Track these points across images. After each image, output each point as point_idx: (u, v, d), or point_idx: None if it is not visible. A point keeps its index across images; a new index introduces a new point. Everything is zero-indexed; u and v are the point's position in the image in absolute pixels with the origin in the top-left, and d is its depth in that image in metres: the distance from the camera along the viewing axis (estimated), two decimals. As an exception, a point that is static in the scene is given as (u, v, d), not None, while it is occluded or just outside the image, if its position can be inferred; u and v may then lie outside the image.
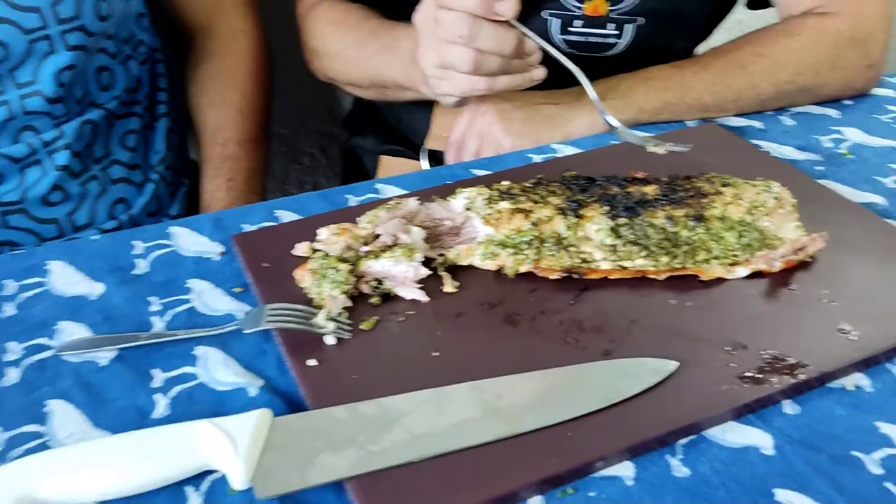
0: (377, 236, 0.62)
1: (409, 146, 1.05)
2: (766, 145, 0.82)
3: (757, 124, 0.87)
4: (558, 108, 0.86)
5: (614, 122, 0.73)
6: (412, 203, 0.64)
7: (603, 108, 0.74)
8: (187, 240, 0.67)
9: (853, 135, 0.85)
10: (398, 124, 1.07)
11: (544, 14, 0.95)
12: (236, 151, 0.94)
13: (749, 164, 0.75)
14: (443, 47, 0.73)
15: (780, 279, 0.60)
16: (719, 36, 1.07)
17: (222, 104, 0.96)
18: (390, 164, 1.05)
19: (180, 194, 0.96)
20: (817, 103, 0.91)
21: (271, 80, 1.02)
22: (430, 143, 1.02)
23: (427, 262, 0.60)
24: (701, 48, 1.07)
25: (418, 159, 1.02)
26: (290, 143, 1.38)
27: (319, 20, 0.99)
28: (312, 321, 0.54)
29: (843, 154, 0.81)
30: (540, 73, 0.76)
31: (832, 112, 0.90)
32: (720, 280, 0.60)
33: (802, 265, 0.61)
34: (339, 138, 1.41)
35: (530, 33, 0.74)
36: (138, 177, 0.89)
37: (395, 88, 0.92)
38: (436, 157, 1.01)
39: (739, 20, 1.43)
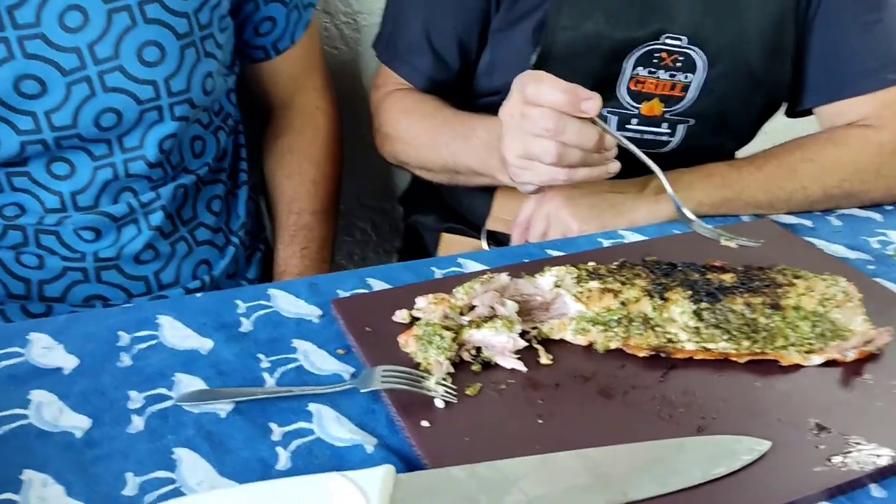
0: (473, 307, 0.66)
1: (469, 225, 1.10)
2: (818, 243, 0.87)
3: (807, 223, 0.92)
4: (623, 196, 0.92)
5: (690, 216, 0.78)
6: (504, 277, 0.69)
7: (679, 201, 0.79)
8: (286, 301, 0.71)
9: (898, 238, 0.90)
10: (458, 205, 1.13)
11: (604, 112, 1.01)
12: (310, 221, 1.00)
13: (807, 260, 0.79)
14: (528, 140, 0.79)
15: (853, 369, 0.64)
16: (759, 139, 1.14)
17: (298, 175, 1.02)
18: (451, 242, 1.10)
19: (256, 259, 1.00)
20: (861, 207, 0.97)
21: (342, 156, 1.08)
22: (491, 224, 1.07)
23: (521, 335, 0.64)
24: (745, 150, 1.14)
25: (478, 237, 1.07)
26: (344, 217, 1.43)
27: (393, 108, 1.06)
28: (423, 384, 0.58)
29: (891, 255, 0.86)
30: (615, 166, 0.81)
31: (876, 216, 0.96)
32: (797, 367, 0.64)
33: (871, 357, 0.65)
34: (391, 214, 1.46)
35: (611, 130, 0.79)
36: (221, 240, 0.94)
37: (469, 174, 0.98)
38: (495, 238, 1.06)
39: (775, 128, 1.52)
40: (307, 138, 1.04)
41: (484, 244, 1.06)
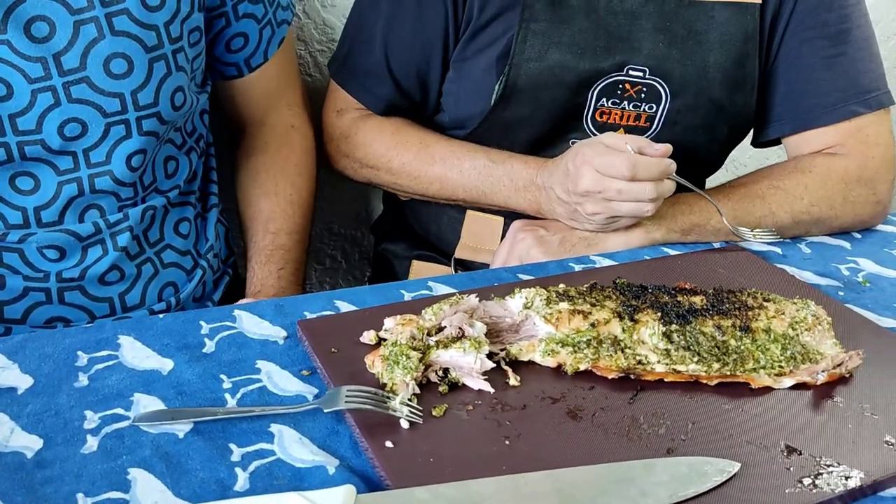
0: (441, 328, 0.65)
1: (439, 253, 1.09)
2: (788, 269, 0.88)
3: (777, 250, 0.93)
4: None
5: (737, 230, 0.90)
6: (472, 299, 0.68)
7: (727, 219, 0.90)
8: (251, 322, 0.70)
9: (868, 265, 0.91)
10: (426, 234, 1.12)
11: (571, 142, 1.02)
12: (286, 242, 0.97)
13: (778, 285, 0.80)
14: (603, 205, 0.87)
15: (824, 391, 0.64)
16: (729, 170, 1.16)
17: (275, 195, 0.99)
18: (421, 269, 1.09)
19: (223, 283, 0.98)
20: (830, 234, 0.98)
21: (316, 177, 1.06)
22: (460, 253, 1.07)
23: (490, 357, 0.63)
24: (714, 179, 1.15)
25: (448, 265, 1.06)
26: (314, 244, 1.42)
27: (371, 137, 1.04)
28: (389, 404, 0.56)
29: (861, 282, 0.86)
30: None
31: (845, 244, 0.96)
32: (767, 389, 0.63)
33: (842, 380, 0.65)
34: (362, 243, 1.45)
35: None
36: (189, 263, 0.92)
37: (481, 201, 1.00)
38: (464, 266, 1.06)
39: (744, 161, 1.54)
40: (282, 157, 1.02)
41: (453, 272, 1.06)
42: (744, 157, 1.61)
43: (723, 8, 0.99)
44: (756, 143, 1.12)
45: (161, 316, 0.69)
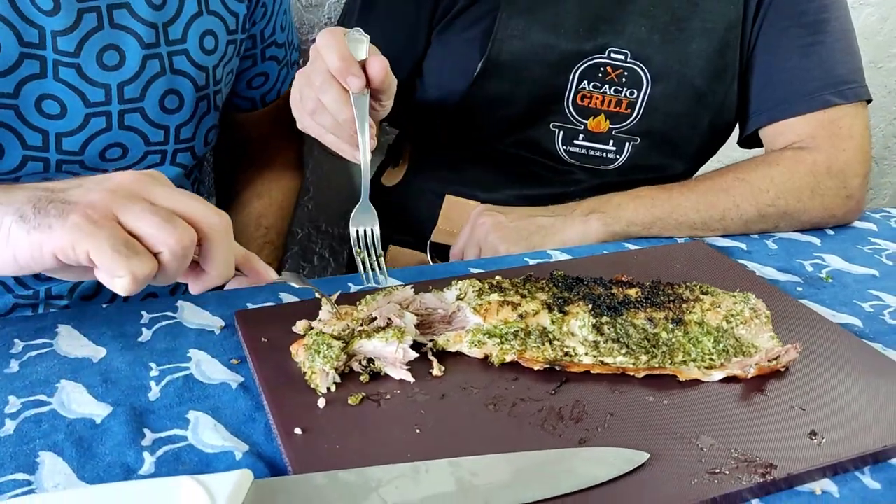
0: (374, 319, 0.65)
1: (417, 238, 1.10)
2: (750, 265, 0.86)
3: (742, 245, 0.91)
4: (552, 218, 0.92)
5: None
6: (408, 291, 0.68)
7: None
8: (191, 313, 0.70)
9: (834, 261, 0.89)
10: (405, 218, 1.13)
11: (552, 126, 1.02)
12: (274, 239, 1.04)
13: (733, 280, 0.78)
14: (301, 81, 0.76)
15: (754, 385, 0.62)
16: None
17: (268, 196, 1.07)
18: (398, 255, 1.09)
19: None
20: (802, 231, 0.96)
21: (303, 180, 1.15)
22: (436, 237, 1.07)
23: (419, 348, 0.63)
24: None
25: (425, 251, 1.06)
26: (302, 243, 1.43)
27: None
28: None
29: (823, 278, 0.85)
30: (358, 155, 0.75)
31: (815, 240, 0.95)
32: (696, 382, 0.62)
33: (777, 374, 0.64)
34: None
35: (362, 131, 0.73)
36: None
37: None
38: (440, 251, 1.06)
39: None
40: (277, 167, 1.10)
41: (428, 257, 1.06)
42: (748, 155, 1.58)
43: None
44: (742, 143, 1.11)
45: (104, 305, 0.71)
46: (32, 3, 0.73)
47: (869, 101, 1.01)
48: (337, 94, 0.72)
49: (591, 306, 0.65)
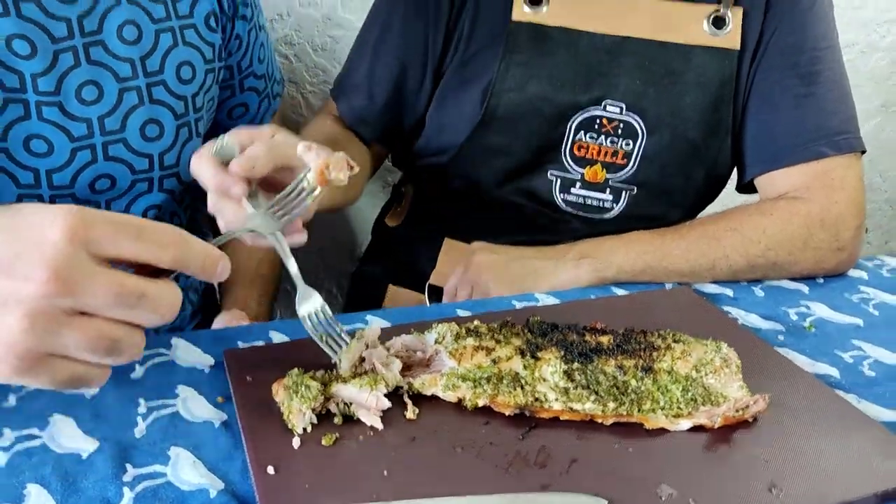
0: (363, 359, 0.67)
1: (417, 278, 1.12)
2: (734, 311, 0.88)
3: (728, 292, 0.93)
4: (544, 262, 0.94)
5: None
6: (372, 332, 0.70)
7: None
8: (185, 350, 0.74)
9: (819, 309, 0.90)
10: (405, 259, 1.16)
11: (550, 175, 1.05)
12: (267, 273, 1.06)
13: (713, 328, 0.79)
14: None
15: (721, 435, 0.64)
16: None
17: None
18: (397, 294, 1.12)
19: (198, 316, 1.05)
20: (791, 279, 0.97)
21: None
22: (434, 279, 1.09)
23: (397, 390, 0.66)
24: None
25: (424, 293, 1.09)
26: (309, 277, 1.47)
27: (311, 125, 1.14)
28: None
29: (806, 327, 0.86)
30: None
31: (804, 288, 0.96)
32: (664, 430, 0.64)
33: (745, 424, 0.65)
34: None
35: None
36: None
37: None
38: (440, 293, 1.08)
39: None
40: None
41: (426, 299, 1.09)
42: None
43: (702, 52, 1.01)
44: (740, 189, 1.13)
45: (101, 343, 0.74)
46: (10, 50, 0.78)
47: (863, 153, 1.03)
48: (233, 211, 0.67)
49: (563, 352, 0.68)
